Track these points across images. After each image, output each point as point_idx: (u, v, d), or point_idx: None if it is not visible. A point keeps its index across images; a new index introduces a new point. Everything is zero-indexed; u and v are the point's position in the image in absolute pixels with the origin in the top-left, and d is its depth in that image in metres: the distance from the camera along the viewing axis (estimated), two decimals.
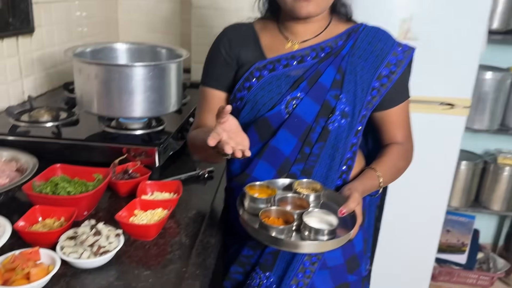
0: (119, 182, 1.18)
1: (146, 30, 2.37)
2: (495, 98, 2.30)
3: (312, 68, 1.08)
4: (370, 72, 1.08)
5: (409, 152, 1.18)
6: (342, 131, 1.07)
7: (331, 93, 1.06)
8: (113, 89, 1.27)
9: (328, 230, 0.88)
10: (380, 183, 1.09)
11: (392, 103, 1.13)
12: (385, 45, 1.10)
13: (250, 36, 1.15)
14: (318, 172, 1.08)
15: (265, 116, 1.08)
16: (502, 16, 2.22)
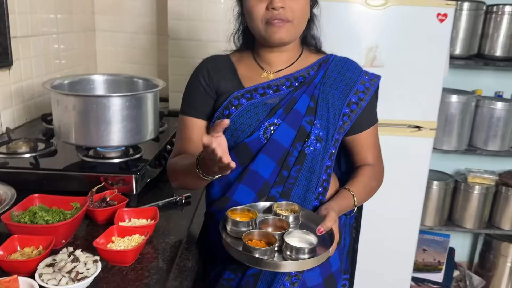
0: (96, 210, 1.20)
1: (124, 61, 2.42)
2: (461, 120, 2.41)
3: (288, 96, 1.15)
4: (340, 99, 1.16)
5: (380, 173, 1.25)
6: (317, 154, 1.13)
7: (306, 119, 1.12)
8: (90, 120, 1.30)
9: (308, 248, 0.93)
10: (354, 202, 1.15)
11: (362, 127, 1.20)
12: (353, 74, 1.18)
13: (228, 67, 1.22)
14: (296, 193, 1.13)
15: (244, 142, 1.13)
16: (463, 42, 2.35)
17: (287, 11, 1.09)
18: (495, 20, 2.36)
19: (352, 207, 1.16)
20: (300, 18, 1.12)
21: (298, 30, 1.14)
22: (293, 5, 1.09)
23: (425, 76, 1.93)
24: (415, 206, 2.12)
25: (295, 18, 1.10)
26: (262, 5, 1.09)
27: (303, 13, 1.12)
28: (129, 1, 2.36)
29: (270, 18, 1.09)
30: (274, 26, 1.10)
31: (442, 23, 1.89)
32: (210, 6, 2.19)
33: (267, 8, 1.09)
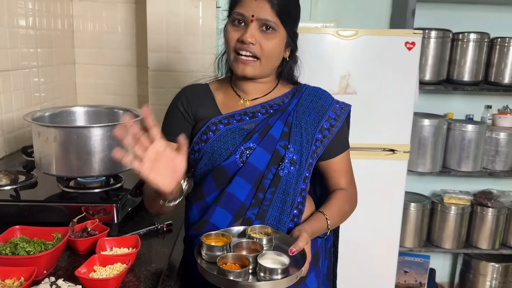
0: (77, 240, 1.21)
1: (104, 93, 2.45)
2: (434, 143, 2.49)
3: (263, 122, 1.20)
4: (313, 126, 1.22)
5: (353, 196, 1.29)
6: (291, 177, 1.18)
7: (280, 143, 1.18)
8: (71, 150, 1.32)
9: (281, 269, 0.96)
10: (328, 225, 1.19)
11: (334, 153, 1.25)
12: (325, 103, 1.25)
13: (206, 95, 1.27)
14: (272, 215, 1.16)
15: (221, 165, 1.17)
16: (432, 68, 2.46)
17: (256, 48, 1.14)
18: (462, 47, 2.48)
19: (325, 229, 1.19)
20: (269, 57, 1.17)
21: (265, 68, 1.18)
22: (264, 44, 1.14)
23: (396, 101, 2.01)
24: (393, 228, 2.16)
25: (263, 56, 1.15)
26: (236, 35, 1.15)
27: (273, 53, 1.16)
28: (109, 34, 2.41)
29: (239, 49, 1.15)
30: (240, 61, 1.15)
31: (410, 51, 1.98)
32: (189, 38, 2.25)
33: (238, 39, 1.14)
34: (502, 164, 2.60)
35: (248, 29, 1.13)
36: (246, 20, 1.14)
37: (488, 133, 2.58)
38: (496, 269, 2.70)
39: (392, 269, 2.23)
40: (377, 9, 2.58)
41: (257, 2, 1.12)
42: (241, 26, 1.15)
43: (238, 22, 1.15)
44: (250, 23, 1.13)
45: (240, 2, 1.15)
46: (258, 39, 1.13)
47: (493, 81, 2.55)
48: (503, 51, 2.50)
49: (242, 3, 1.14)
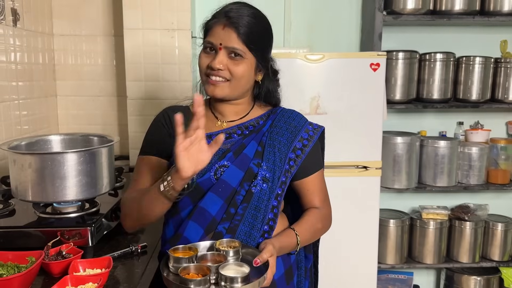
0: (51, 262, 1.24)
1: (86, 123, 2.51)
2: (408, 159, 2.56)
3: (238, 142, 1.27)
4: (286, 145, 1.28)
5: (326, 215, 1.34)
6: (263, 194, 1.23)
7: (253, 161, 1.24)
8: (46, 176, 1.36)
9: (241, 277, 1.00)
10: (298, 241, 1.23)
11: (307, 172, 1.31)
12: (298, 124, 1.32)
13: (186, 116, 1.32)
14: (242, 230, 1.21)
15: (196, 182, 1.23)
16: (402, 88, 2.55)
17: (225, 72, 1.22)
18: (429, 67, 2.59)
19: (295, 246, 1.23)
20: (239, 81, 1.23)
21: (234, 90, 1.25)
22: (232, 69, 1.21)
23: (365, 119, 2.09)
24: (371, 244, 2.21)
25: (233, 79, 1.22)
26: (207, 61, 1.23)
27: (242, 76, 1.23)
28: (89, 66, 2.48)
29: (208, 74, 1.23)
30: (210, 82, 1.23)
31: (375, 72, 2.08)
32: (166, 67, 2.33)
33: (208, 66, 1.22)
34: (476, 178, 2.67)
35: (216, 57, 1.21)
36: (215, 47, 1.22)
37: (461, 148, 2.66)
38: (478, 282, 2.73)
39: (372, 286, 2.25)
40: (347, 34, 2.70)
41: (225, 31, 1.20)
42: (212, 53, 1.23)
43: (210, 49, 1.23)
44: (219, 51, 1.21)
45: (210, 31, 1.24)
46: (226, 64, 1.21)
47: (462, 98, 2.65)
48: (468, 69, 2.60)
49: (212, 32, 1.23)
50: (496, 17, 2.50)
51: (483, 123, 2.83)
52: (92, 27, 2.44)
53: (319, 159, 1.35)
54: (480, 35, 2.76)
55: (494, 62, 2.64)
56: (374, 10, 2.43)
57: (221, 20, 1.21)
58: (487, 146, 2.69)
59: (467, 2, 2.46)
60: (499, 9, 2.49)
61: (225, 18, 1.21)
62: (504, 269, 2.75)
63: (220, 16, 1.23)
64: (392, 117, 2.77)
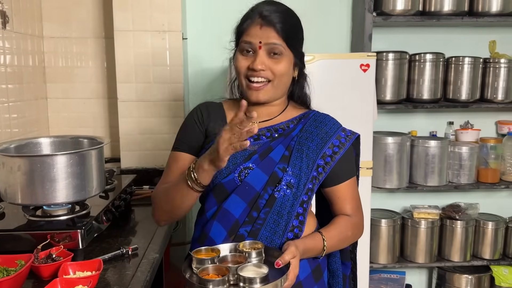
0: (41, 266, 1.24)
1: (77, 126, 2.49)
2: (399, 159, 2.58)
3: (265, 144, 1.26)
4: (315, 152, 1.26)
5: (357, 224, 1.31)
6: (286, 200, 1.22)
7: (279, 166, 1.23)
8: (35, 179, 1.36)
9: (260, 277, 1.00)
10: (324, 246, 1.21)
11: (339, 180, 1.29)
12: (330, 130, 1.29)
13: (219, 112, 1.34)
14: (263, 235, 1.21)
15: (221, 182, 1.24)
16: (392, 88, 2.57)
17: (267, 73, 1.21)
18: (419, 67, 2.60)
19: (320, 251, 1.22)
20: (281, 79, 1.24)
21: (277, 90, 1.25)
22: (274, 67, 1.21)
23: (356, 120, 2.09)
24: (362, 244, 2.20)
25: (275, 78, 1.22)
26: (246, 63, 1.23)
27: (283, 74, 1.24)
28: (80, 69, 2.47)
29: (250, 76, 1.22)
30: (253, 88, 1.23)
31: (365, 72, 2.09)
32: (157, 69, 2.33)
33: (249, 67, 1.22)
34: (467, 177, 2.69)
35: (257, 57, 1.20)
36: (254, 47, 1.21)
37: (451, 148, 2.68)
38: (469, 280, 2.75)
39: (364, 286, 2.26)
40: (337, 35, 2.72)
41: (263, 29, 1.20)
42: (250, 55, 1.23)
43: (247, 50, 1.23)
44: (259, 50, 1.20)
45: (246, 31, 1.23)
46: (267, 64, 1.21)
47: (452, 98, 2.66)
48: (458, 70, 2.62)
49: (248, 31, 1.22)
50: (485, 17, 2.52)
51: (473, 122, 2.85)
52: (82, 29, 2.44)
53: (351, 167, 1.32)
54: (469, 35, 2.79)
55: (483, 62, 2.66)
56: (364, 11, 2.45)
57: (256, 20, 1.21)
58: (477, 145, 2.71)
59: (456, 3, 2.48)
60: (487, 10, 2.51)
61: (260, 18, 1.21)
62: (495, 267, 2.78)
63: (254, 16, 1.22)
64: (382, 117, 2.78)
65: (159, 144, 2.36)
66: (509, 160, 2.73)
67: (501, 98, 2.66)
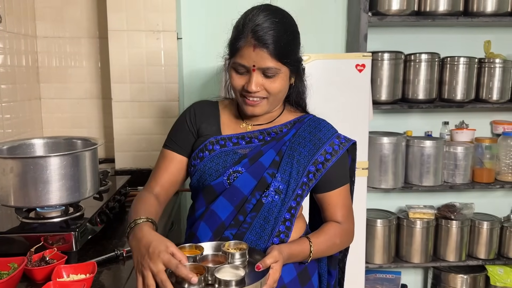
0: (34, 269, 1.22)
1: (71, 126, 2.48)
2: (394, 159, 2.57)
3: (256, 148, 1.25)
4: (306, 158, 1.23)
5: (347, 231, 1.28)
6: (274, 205, 1.21)
7: (268, 171, 1.21)
8: (28, 181, 1.34)
9: (236, 280, 0.99)
10: (310, 252, 1.19)
11: (330, 187, 1.26)
12: (324, 136, 1.27)
13: (213, 112, 1.33)
14: (249, 238, 1.20)
15: (210, 184, 1.23)
16: (387, 88, 2.56)
17: (262, 92, 1.19)
18: (414, 67, 2.60)
19: (307, 256, 1.20)
20: (276, 95, 1.21)
21: (273, 104, 1.24)
22: (269, 86, 1.18)
23: (352, 120, 2.10)
24: (358, 244, 2.21)
25: (270, 96, 1.20)
26: (241, 82, 1.19)
27: (279, 91, 1.21)
28: (74, 69, 2.45)
29: (246, 96, 1.20)
30: (248, 104, 1.21)
31: (361, 73, 2.08)
32: (151, 69, 2.32)
33: (244, 87, 1.19)
34: (462, 177, 2.69)
35: (251, 79, 1.17)
36: (248, 69, 1.18)
37: (446, 148, 2.68)
38: (465, 280, 2.75)
39: (360, 286, 2.26)
40: (333, 35, 2.71)
41: (256, 52, 1.14)
42: (244, 74, 1.19)
43: (241, 71, 1.19)
44: (253, 72, 1.17)
45: (239, 53, 1.17)
46: (262, 84, 1.18)
47: (447, 98, 2.67)
48: (453, 69, 2.62)
49: (241, 54, 1.16)
50: (480, 17, 2.52)
51: (468, 122, 2.85)
52: (76, 29, 2.42)
53: (344, 174, 1.29)
54: (464, 35, 2.79)
55: (478, 62, 2.66)
56: (359, 11, 2.44)
57: (249, 41, 1.14)
58: (472, 145, 2.72)
59: (451, 3, 2.48)
60: (482, 10, 2.52)
61: (253, 39, 1.14)
62: (490, 267, 2.78)
63: (246, 35, 1.15)
64: (378, 118, 2.78)
65: (154, 145, 2.35)
66: (504, 160, 2.74)
67: (496, 98, 2.66)
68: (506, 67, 2.64)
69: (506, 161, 2.73)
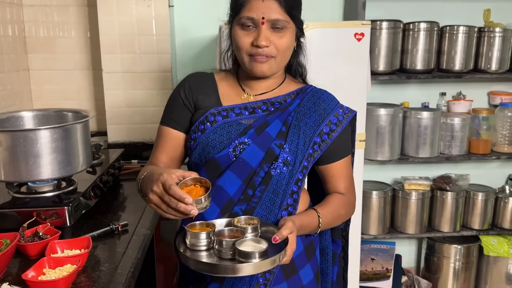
0: (28, 244, 1.20)
1: (61, 98, 2.41)
2: (391, 131, 2.55)
3: (261, 118, 1.20)
4: (312, 128, 1.21)
5: (350, 202, 1.28)
6: (282, 177, 1.18)
7: (275, 142, 1.17)
8: (18, 155, 1.30)
9: (259, 252, 0.98)
10: (319, 223, 1.18)
11: (334, 158, 1.25)
12: (328, 106, 1.24)
13: (210, 84, 1.28)
14: (259, 213, 1.17)
15: (214, 158, 1.18)
16: (385, 59, 2.51)
17: (271, 48, 1.14)
18: (413, 36, 2.54)
19: (315, 228, 1.19)
20: (284, 53, 1.17)
21: (281, 64, 1.20)
22: (278, 42, 1.14)
23: (350, 91, 2.05)
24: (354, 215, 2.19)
25: (279, 54, 1.16)
26: (248, 39, 1.14)
27: (287, 48, 1.17)
28: (62, 39, 2.37)
29: (254, 54, 1.15)
30: (256, 61, 1.15)
31: (360, 42, 2.03)
32: (143, 38, 2.24)
33: (252, 44, 1.14)
34: (458, 149, 2.68)
35: (260, 33, 1.12)
36: (256, 22, 1.13)
37: (443, 119, 2.66)
38: (458, 250, 2.78)
39: (356, 257, 2.27)
40: (330, 3, 2.63)
41: (265, 3, 1.11)
42: (251, 30, 1.14)
43: (247, 26, 1.14)
44: (261, 26, 1.12)
45: (246, 5, 1.13)
46: (271, 39, 1.13)
47: (445, 68, 2.62)
48: (452, 39, 2.57)
49: (249, 7, 1.13)
50: None
51: (465, 93, 2.82)
52: None
53: (347, 145, 1.28)
54: (464, 3, 2.72)
55: (477, 31, 2.61)
56: None
57: None
58: (469, 116, 2.69)
59: None
60: None
61: None
62: (484, 237, 2.81)
63: None
64: (374, 89, 2.74)
65: (148, 117, 2.30)
66: (501, 131, 2.72)
67: (495, 68, 2.63)
68: (506, 36, 2.59)
69: (503, 132, 2.72)
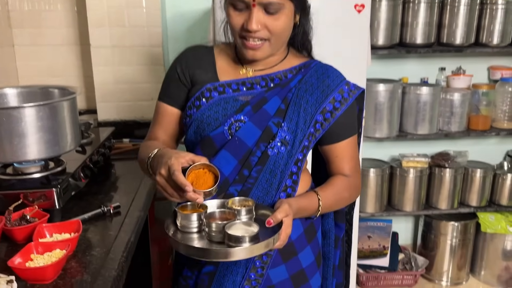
0: (14, 228, 1.14)
1: (49, 75, 2.32)
2: (390, 107, 2.49)
3: (259, 95, 1.14)
4: (314, 106, 1.14)
5: (355, 185, 1.21)
6: (280, 157, 1.11)
7: (273, 120, 1.11)
8: (2, 134, 1.24)
9: (249, 236, 0.93)
10: (319, 206, 1.13)
11: (338, 137, 1.17)
12: (332, 82, 1.16)
13: (208, 58, 1.20)
14: (255, 194, 1.12)
15: (209, 136, 1.12)
16: (385, 32, 2.43)
17: (263, 32, 1.06)
18: (413, 9, 2.45)
19: (315, 211, 1.14)
20: (279, 37, 1.09)
21: (276, 45, 1.11)
22: (271, 25, 1.06)
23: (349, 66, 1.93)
24: None
25: (272, 36, 1.08)
26: (240, 20, 1.07)
27: (283, 31, 1.09)
28: (48, 12, 2.26)
29: (246, 36, 1.07)
30: (248, 47, 1.08)
31: (360, 13, 1.94)
32: (132, 11, 2.14)
33: (243, 26, 1.06)
34: (457, 125, 2.63)
35: (251, 16, 1.04)
36: (247, 4, 1.04)
37: (443, 95, 2.60)
38: (455, 227, 2.76)
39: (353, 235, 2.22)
40: None
41: None
42: (244, 10, 1.06)
43: (239, 7, 1.06)
44: (253, 8, 1.04)
45: None
46: (263, 22, 1.05)
47: (445, 42, 2.54)
48: (453, 12, 2.48)
49: None
50: None
51: (465, 68, 2.75)
52: None
53: (353, 124, 1.20)
54: None
55: (479, 3, 2.52)
56: None
57: None
58: (469, 92, 2.63)
59: None
60: None
61: None
62: (481, 214, 2.79)
63: None
64: (373, 63, 2.65)
65: (139, 95, 2.21)
66: (501, 107, 2.67)
67: (497, 42, 2.55)
68: (509, 8, 2.51)
69: (503, 107, 2.66)
